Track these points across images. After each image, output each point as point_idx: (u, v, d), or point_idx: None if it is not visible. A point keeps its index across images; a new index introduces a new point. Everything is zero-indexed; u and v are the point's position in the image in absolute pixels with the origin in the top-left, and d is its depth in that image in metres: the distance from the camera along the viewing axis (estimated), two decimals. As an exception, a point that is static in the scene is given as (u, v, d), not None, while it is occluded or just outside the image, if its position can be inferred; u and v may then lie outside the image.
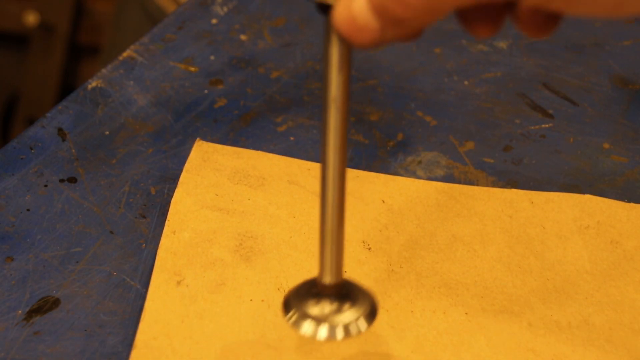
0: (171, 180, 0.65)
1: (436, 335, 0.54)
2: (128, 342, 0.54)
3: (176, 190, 0.61)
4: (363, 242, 0.59)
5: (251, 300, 0.55)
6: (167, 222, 0.59)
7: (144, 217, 0.62)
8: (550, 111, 0.72)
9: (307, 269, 0.57)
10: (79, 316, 0.55)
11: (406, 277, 0.57)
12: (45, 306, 0.56)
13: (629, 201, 0.63)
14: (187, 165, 0.63)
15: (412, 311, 0.55)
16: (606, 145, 0.68)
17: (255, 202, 0.61)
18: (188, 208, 0.60)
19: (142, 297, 0.56)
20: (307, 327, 0.45)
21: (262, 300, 0.55)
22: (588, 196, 0.63)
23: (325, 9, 0.41)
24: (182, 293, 0.54)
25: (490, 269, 0.58)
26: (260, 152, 0.65)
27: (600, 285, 0.57)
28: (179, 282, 0.55)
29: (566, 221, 0.61)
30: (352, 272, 0.57)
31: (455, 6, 0.43)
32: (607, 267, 0.58)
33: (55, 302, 0.56)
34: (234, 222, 0.59)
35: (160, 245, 0.57)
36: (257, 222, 0.59)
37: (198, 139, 0.66)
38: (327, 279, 0.45)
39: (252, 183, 0.62)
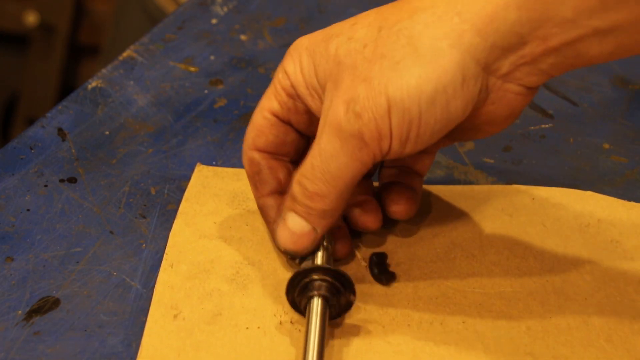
0: (171, 181, 0.65)
1: (433, 346, 0.53)
2: (128, 342, 0.54)
3: (175, 220, 0.61)
4: (360, 257, 0.59)
5: (247, 328, 0.54)
6: (165, 255, 0.59)
7: (144, 217, 0.62)
8: (550, 111, 0.72)
9: None
10: (79, 316, 0.55)
11: (403, 291, 0.57)
12: (45, 306, 0.56)
13: (629, 201, 0.63)
14: (186, 194, 0.63)
15: (408, 325, 0.55)
16: (606, 146, 0.68)
17: (253, 227, 0.61)
18: (186, 239, 0.60)
19: (142, 297, 0.56)
20: None
21: (258, 328, 0.54)
22: (589, 192, 0.63)
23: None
24: (179, 326, 0.54)
25: (488, 273, 0.58)
26: None
27: (600, 286, 0.57)
28: (175, 316, 0.55)
29: (567, 218, 0.61)
30: None
31: (352, 177, 0.52)
32: (607, 267, 0.58)
33: (55, 302, 0.56)
34: (231, 250, 0.59)
35: (157, 280, 0.57)
36: (255, 248, 0.59)
37: (198, 163, 0.65)
38: None
39: (250, 207, 0.62)
